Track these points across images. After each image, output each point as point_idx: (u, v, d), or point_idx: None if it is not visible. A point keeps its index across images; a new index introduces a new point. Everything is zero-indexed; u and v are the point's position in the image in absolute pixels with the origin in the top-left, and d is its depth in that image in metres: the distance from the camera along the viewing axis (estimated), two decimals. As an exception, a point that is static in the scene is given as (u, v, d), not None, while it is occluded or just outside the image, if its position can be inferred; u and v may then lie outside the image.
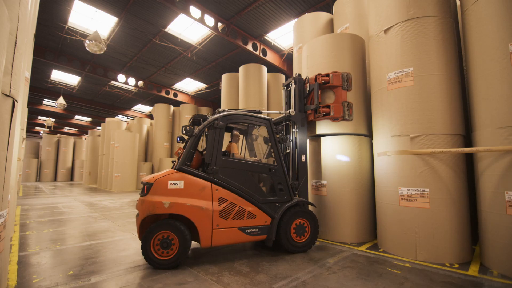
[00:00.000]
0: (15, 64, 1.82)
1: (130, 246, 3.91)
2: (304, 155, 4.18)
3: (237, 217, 3.36)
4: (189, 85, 16.56)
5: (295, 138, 4.25)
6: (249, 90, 9.93)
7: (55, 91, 17.13)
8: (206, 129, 3.51)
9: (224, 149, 3.97)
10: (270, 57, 11.77)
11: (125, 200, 9.29)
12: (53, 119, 24.37)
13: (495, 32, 3.07)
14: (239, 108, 10.26)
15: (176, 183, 3.23)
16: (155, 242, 3.09)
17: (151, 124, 16.83)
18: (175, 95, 17.13)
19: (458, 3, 4.70)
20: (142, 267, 3.09)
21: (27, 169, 19.73)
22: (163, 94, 16.53)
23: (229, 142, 4.09)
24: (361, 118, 4.48)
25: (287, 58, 12.59)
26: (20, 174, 7.21)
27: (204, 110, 15.60)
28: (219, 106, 16.02)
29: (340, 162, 4.29)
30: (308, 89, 4.43)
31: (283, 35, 10.99)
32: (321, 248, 3.87)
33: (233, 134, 4.20)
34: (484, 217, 3.19)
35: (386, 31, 3.87)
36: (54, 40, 11.26)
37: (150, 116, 22.89)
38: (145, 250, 3.04)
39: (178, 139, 3.76)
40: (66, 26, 10.13)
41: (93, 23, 10.20)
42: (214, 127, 3.46)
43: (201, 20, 9.06)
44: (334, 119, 4.29)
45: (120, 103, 20.28)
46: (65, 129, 31.79)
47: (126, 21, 9.87)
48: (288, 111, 4.20)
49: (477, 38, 3.28)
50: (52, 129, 26.81)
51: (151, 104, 20.06)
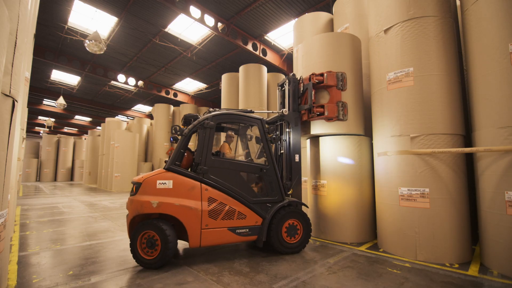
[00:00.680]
0: (15, 64, 1.82)
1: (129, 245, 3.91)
2: (297, 155, 4.15)
3: (227, 217, 3.34)
4: (189, 85, 16.56)
5: (289, 138, 4.23)
6: (249, 90, 9.92)
7: (55, 91, 17.13)
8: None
9: (218, 149, 3.97)
10: (270, 57, 11.77)
11: (125, 200, 9.29)
12: (53, 119, 24.37)
13: (495, 32, 3.07)
14: (240, 108, 10.26)
15: (165, 183, 3.23)
16: (142, 241, 3.12)
17: (151, 124, 16.83)
18: (175, 95, 17.13)
19: (458, 3, 4.70)
20: (142, 267, 3.09)
21: (27, 169, 19.73)
22: (163, 94, 16.53)
23: (223, 142, 4.11)
24: (357, 118, 4.42)
25: (287, 58, 12.59)
26: (20, 174, 7.21)
27: (204, 110, 15.57)
28: (219, 106, 16.02)
29: (340, 163, 4.29)
30: (302, 89, 4.41)
31: (283, 35, 10.99)
32: (321, 248, 3.87)
33: (227, 134, 4.19)
34: (484, 217, 3.19)
35: (386, 31, 3.87)
36: (54, 40, 11.26)
37: (150, 116, 22.89)
38: (133, 250, 3.09)
39: (172, 139, 3.73)
40: (66, 26, 10.13)
41: (93, 23, 10.20)
42: (204, 127, 3.46)
43: (201, 20, 9.06)
44: (329, 119, 4.26)
45: (120, 103, 20.28)
46: (65, 129, 31.79)
47: (126, 21, 9.87)
48: (281, 111, 4.18)
49: (477, 38, 3.28)
50: (52, 129, 26.80)
51: (151, 104, 20.06)
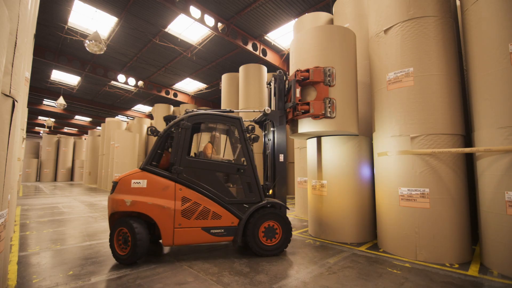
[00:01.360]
0: (15, 64, 1.82)
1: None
2: (282, 155, 4.02)
3: (201, 217, 3.36)
4: (189, 85, 16.57)
5: (273, 137, 4.11)
6: (249, 90, 9.92)
7: (55, 91, 17.13)
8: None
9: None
10: (270, 57, 11.78)
11: (125, 200, 9.27)
12: (53, 119, 24.38)
13: (495, 32, 3.07)
14: (240, 107, 10.26)
15: (139, 182, 3.34)
16: (118, 237, 3.26)
17: (151, 124, 16.84)
18: (175, 95, 17.13)
19: (458, 3, 4.70)
20: (142, 267, 3.09)
21: (27, 169, 19.73)
22: (163, 94, 16.54)
23: (208, 142, 4.12)
24: (347, 115, 4.12)
25: (287, 58, 12.59)
26: (20, 174, 7.21)
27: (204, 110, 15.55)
28: (219, 106, 16.01)
29: (340, 162, 4.29)
30: (287, 86, 4.31)
31: (283, 35, 10.99)
32: (321, 248, 3.87)
33: (211, 135, 4.18)
34: (484, 217, 3.19)
35: (386, 31, 3.87)
36: (54, 40, 11.26)
37: (150, 116, 22.89)
38: (111, 245, 3.24)
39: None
40: (66, 26, 10.13)
41: (93, 23, 10.20)
42: (180, 127, 3.51)
43: (201, 20, 9.06)
44: (315, 117, 4.03)
45: (120, 103, 20.28)
46: (65, 129, 31.79)
47: (126, 21, 9.87)
48: (263, 110, 4.08)
49: (477, 38, 3.28)
50: (52, 129, 26.81)
51: (151, 104, 20.07)
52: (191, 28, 10.48)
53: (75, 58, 12.88)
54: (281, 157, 4.02)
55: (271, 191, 3.97)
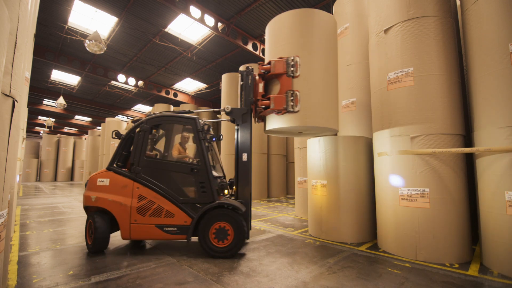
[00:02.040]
0: (15, 64, 1.82)
1: (130, 246, 3.91)
2: (245, 154, 3.85)
3: (155, 214, 3.52)
4: (189, 85, 16.57)
5: (237, 136, 3.97)
6: (249, 90, 9.90)
7: (55, 91, 17.13)
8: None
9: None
10: (270, 57, 11.75)
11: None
12: (53, 119, 24.36)
13: (495, 32, 3.07)
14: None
15: (103, 181, 3.73)
16: (88, 229, 3.66)
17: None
18: (175, 95, 17.13)
19: (458, 3, 4.70)
20: (142, 267, 3.10)
21: (27, 169, 19.74)
22: (163, 94, 16.53)
23: (178, 143, 4.18)
24: (317, 108, 3.73)
25: (287, 58, 12.55)
26: (20, 174, 7.21)
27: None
28: (219, 106, 15.99)
29: (340, 162, 4.29)
30: (250, 81, 4.02)
31: (283, 35, 10.98)
32: (321, 248, 3.87)
33: (181, 136, 4.25)
34: (484, 217, 3.19)
35: (386, 31, 3.87)
36: (54, 40, 11.26)
37: (150, 116, 22.84)
38: (85, 235, 3.74)
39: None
40: (66, 26, 10.13)
41: (93, 23, 10.20)
42: (140, 130, 3.74)
43: (201, 20, 9.06)
44: (278, 112, 3.77)
45: (120, 103, 20.28)
46: (65, 129, 31.78)
47: (126, 21, 9.87)
48: (222, 108, 3.99)
49: (477, 38, 3.28)
50: (52, 129, 26.80)
51: (151, 104, 20.06)
52: (191, 28, 10.48)
53: (75, 58, 12.88)
54: (244, 156, 3.85)
55: (226, 192, 3.85)
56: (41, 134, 30.07)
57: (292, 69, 3.73)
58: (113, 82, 15.65)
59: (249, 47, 10.84)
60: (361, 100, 5.30)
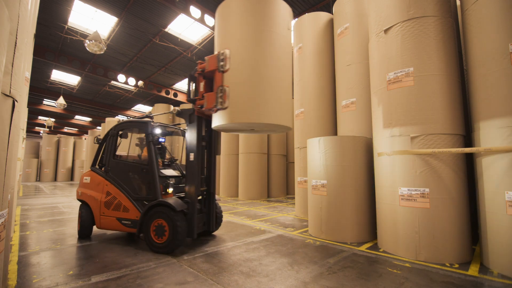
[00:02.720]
0: (15, 64, 1.82)
1: (130, 246, 3.91)
2: (192, 154, 3.86)
3: (116, 209, 4.05)
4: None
5: (185, 136, 4.08)
6: (249, 90, 9.90)
7: (55, 91, 17.14)
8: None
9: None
10: (270, 57, 11.76)
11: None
12: (53, 119, 24.37)
13: (495, 32, 3.07)
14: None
15: (87, 179, 4.44)
16: (78, 217, 4.39)
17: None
18: (175, 95, 17.14)
19: (458, 3, 4.70)
20: (142, 267, 3.10)
21: (27, 169, 19.73)
22: (163, 94, 16.54)
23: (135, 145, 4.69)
24: (250, 103, 3.39)
25: (287, 58, 12.55)
26: (20, 174, 7.21)
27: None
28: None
29: (341, 162, 4.29)
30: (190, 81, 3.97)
31: (283, 35, 10.98)
32: (321, 248, 3.87)
33: (139, 139, 4.72)
34: (484, 217, 3.19)
35: (386, 31, 3.87)
36: (54, 40, 11.27)
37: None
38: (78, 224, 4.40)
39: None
40: (66, 26, 10.13)
41: (93, 23, 10.20)
42: (110, 135, 4.39)
43: (201, 20, 9.06)
44: (211, 110, 3.68)
45: (120, 103, 20.28)
46: (65, 129, 31.79)
47: (126, 21, 9.87)
48: (170, 111, 4.14)
49: (477, 38, 3.28)
50: (52, 129, 26.80)
51: (151, 104, 20.06)
52: (191, 28, 10.48)
53: (75, 58, 12.88)
54: (191, 156, 3.87)
55: (169, 190, 3.99)
56: (41, 134, 30.07)
57: (221, 63, 3.52)
58: (113, 82, 15.65)
59: (249, 47, 10.82)
60: (361, 100, 5.30)
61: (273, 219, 6.01)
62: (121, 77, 14.43)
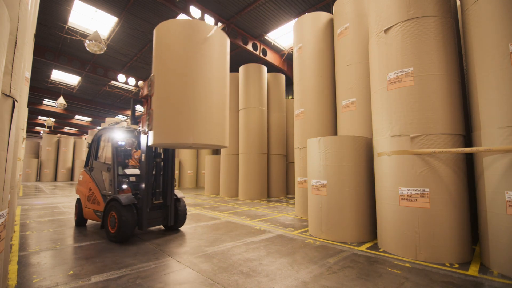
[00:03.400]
0: (15, 64, 1.82)
1: (130, 246, 3.91)
2: (143, 154, 4.32)
3: (93, 202, 4.78)
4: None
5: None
6: (249, 90, 9.93)
7: (55, 91, 17.14)
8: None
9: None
10: (270, 57, 11.78)
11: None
12: (53, 119, 24.37)
13: (495, 32, 3.07)
14: (241, 107, 10.26)
15: (80, 177, 5.33)
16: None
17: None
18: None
19: (458, 3, 4.70)
20: (142, 267, 3.10)
21: (27, 169, 19.72)
22: (163, 94, 16.51)
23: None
24: (168, 125, 3.50)
25: (287, 58, 12.59)
26: (20, 174, 7.22)
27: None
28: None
29: (340, 162, 4.29)
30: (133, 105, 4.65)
31: (283, 35, 11.00)
32: (321, 248, 3.87)
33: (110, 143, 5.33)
34: (484, 217, 3.19)
35: (386, 31, 3.87)
36: (54, 40, 11.27)
37: (150, 116, 22.84)
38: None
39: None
40: (66, 26, 10.13)
41: (93, 23, 10.20)
42: (93, 140, 5.24)
43: (201, 20, 9.05)
44: (145, 133, 4.12)
45: (120, 103, 20.28)
46: (65, 129, 31.79)
47: (126, 21, 9.87)
48: (137, 128, 4.78)
49: (477, 38, 3.28)
50: (52, 129, 26.81)
51: (151, 104, 20.03)
52: (191, 28, 10.46)
53: (75, 58, 12.88)
54: (143, 156, 4.33)
55: (124, 187, 4.56)
56: (41, 134, 30.08)
57: (149, 88, 3.82)
58: (113, 82, 15.66)
59: (249, 47, 10.84)
60: (361, 100, 5.30)
61: (273, 219, 6.01)
62: (121, 77, 14.43)
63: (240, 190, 9.79)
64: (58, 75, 15.22)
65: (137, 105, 20.85)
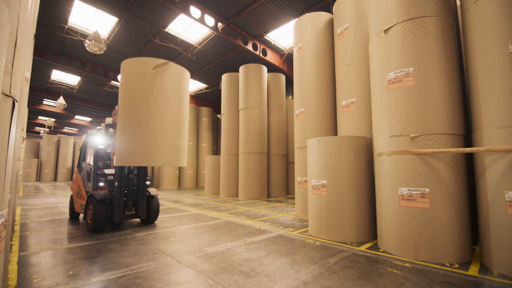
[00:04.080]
0: (15, 64, 1.82)
1: (130, 246, 3.91)
2: (113, 155, 5.02)
3: (80, 197, 5.43)
4: (190, 85, 16.56)
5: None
6: (249, 90, 9.93)
7: (55, 91, 17.14)
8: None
9: None
10: (270, 57, 11.78)
11: (125, 200, 9.28)
12: (53, 119, 24.38)
13: (495, 32, 3.07)
14: (240, 107, 10.26)
15: (74, 176, 6.12)
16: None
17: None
18: (175, 95, 17.10)
19: (458, 3, 4.70)
20: (142, 267, 3.10)
21: (27, 169, 19.73)
22: (163, 94, 16.51)
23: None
24: (127, 150, 4.06)
25: (287, 58, 12.59)
26: (20, 174, 7.22)
27: (205, 110, 15.65)
28: (219, 106, 15.99)
29: (340, 162, 4.29)
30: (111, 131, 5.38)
31: (283, 35, 11.00)
32: (321, 248, 3.87)
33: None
34: (484, 217, 3.19)
35: (386, 31, 3.87)
36: (54, 40, 11.27)
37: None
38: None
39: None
40: (66, 26, 10.13)
41: (93, 23, 10.20)
42: (82, 144, 5.98)
43: (201, 20, 9.06)
44: (113, 154, 4.98)
45: (120, 103, 20.24)
46: (65, 129, 31.79)
47: (126, 21, 9.87)
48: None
49: (477, 38, 3.28)
50: (52, 129, 26.81)
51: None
52: (191, 28, 10.48)
53: (75, 58, 12.88)
54: (112, 156, 5.12)
55: (100, 184, 5.16)
56: (41, 134, 30.08)
57: (115, 117, 4.87)
58: (113, 82, 15.65)
59: (249, 47, 10.84)
60: (361, 100, 5.30)
61: (273, 219, 6.01)
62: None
63: (240, 190, 9.79)
64: (58, 75, 15.22)
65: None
